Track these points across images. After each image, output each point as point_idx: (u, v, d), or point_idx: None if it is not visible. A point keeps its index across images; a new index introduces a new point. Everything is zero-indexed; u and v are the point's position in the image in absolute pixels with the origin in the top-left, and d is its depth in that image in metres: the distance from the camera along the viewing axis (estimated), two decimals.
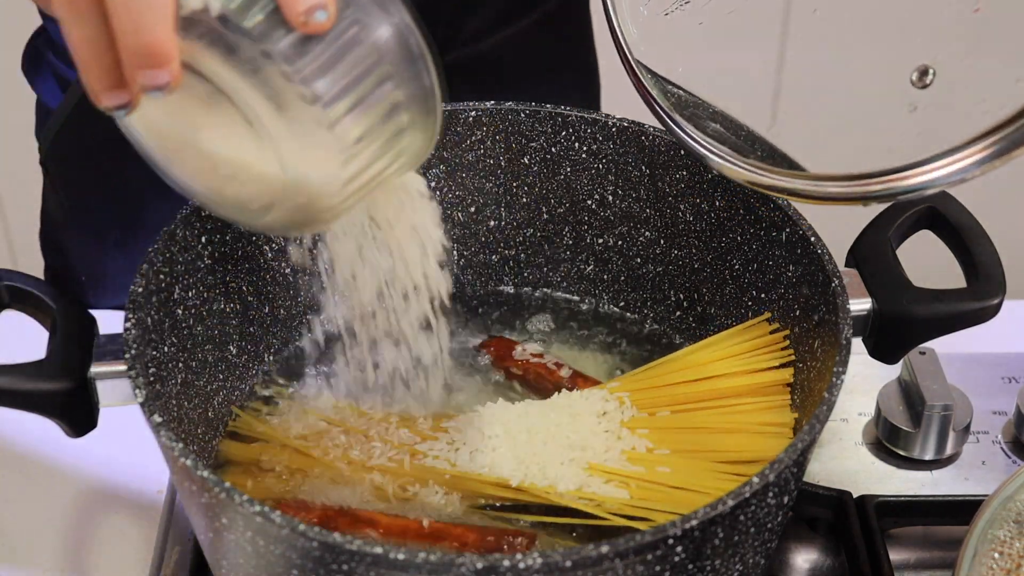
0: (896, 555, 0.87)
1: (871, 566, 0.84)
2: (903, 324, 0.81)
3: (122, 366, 0.75)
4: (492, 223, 0.97)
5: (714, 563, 0.70)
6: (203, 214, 0.84)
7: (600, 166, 0.94)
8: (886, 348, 0.82)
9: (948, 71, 0.69)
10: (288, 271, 0.92)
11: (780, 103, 0.79)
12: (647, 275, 0.96)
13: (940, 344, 0.86)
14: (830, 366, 0.76)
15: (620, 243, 0.96)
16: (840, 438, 0.95)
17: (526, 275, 0.99)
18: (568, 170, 0.95)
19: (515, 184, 0.96)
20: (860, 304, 0.81)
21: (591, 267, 0.98)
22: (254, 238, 0.89)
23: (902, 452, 0.93)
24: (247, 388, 0.91)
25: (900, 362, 0.91)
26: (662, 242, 0.94)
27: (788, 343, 0.86)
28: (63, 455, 0.95)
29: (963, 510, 0.84)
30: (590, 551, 0.64)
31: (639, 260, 0.96)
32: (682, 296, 0.95)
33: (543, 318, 0.98)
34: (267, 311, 0.91)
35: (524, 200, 0.96)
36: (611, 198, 0.95)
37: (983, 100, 0.66)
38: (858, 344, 0.81)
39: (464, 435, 0.84)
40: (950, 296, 0.81)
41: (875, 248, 0.83)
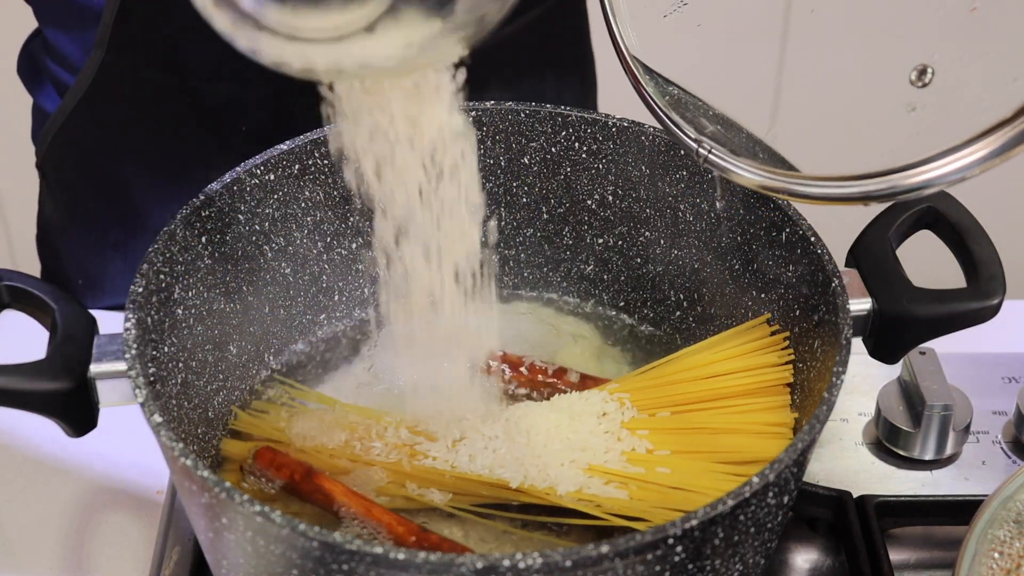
0: (896, 555, 0.87)
1: (871, 566, 0.84)
2: (903, 324, 0.81)
3: (122, 366, 0.75)
4: (492, 223, 0.97)
5: (714, 563, 0.70)
6: (203, 214, 0.84)
7: (600, 166, 0.94)
8: (886, 348, 0.82)
9: (947, 70, 0.69)
10: (288, 271, 0.92)
11: (779, 103, 0.79)
12: (647, 275, 0.96)
13: (940, 344, 0.86)
14: (830, 366, 0.76)
15: (620, 243, 0.96)
16: (840, 438, 0.95)
17: (526, 275, 0.99)
18: (568, 170, 0.95)
19: (515, 184, 0.96)
20: (860, 304, 0.81)
21: (591, 267, 0.98)
22: (254, 238, 0.89)
23: (902, 452, 0.93)
24: (247, 388, 0.91)
25: (900, 362, 0.91)
26: (662, 242, 0.94)
27: (788, 343, 0.86)
28: (63, 455, 0.95)
29: (963, 510, 0.84)
30: (590, 551, 0.64)
31: (639, 260, 0.96)
32: (682, 296, 0.95)
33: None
34: (267, 311, 0.91)
35: (524, 200, 0.96)
36: (611, 198, 0.95)
37: (982, 99, 0.66)
38: (858, 344, 0.81)
39: (464, 436, 0.84)
40: (950, 296, 0.81)
41: (875, 248, 0.83)
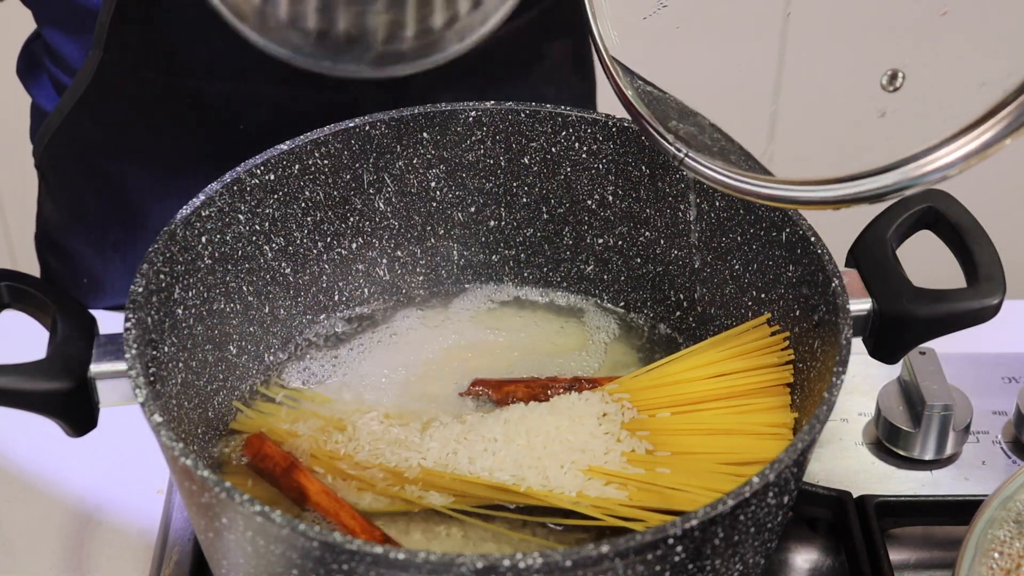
0: (896, 555, 0.87)
1: (871, 566, 0.84)
2: (903, 324, 0.81)
3: (122, 366, 0.75)
4: (492, 223, 0.97)
5: (714, 563, 0.70)
6: (203, 214, 0.84)
7: (600, 166, 0.94)
8: (886, 348, 0.82)
9: (917, 74, 0.69)
10: (288, 271, 0.92)
11: (759, 105, 0.79)
12: (647, 275, 0.96)
13: (940, 344, 0.86)
14: (830, 366, 0.76)
15: (620, 243, 0.96)
16: (840, 438, 0.95)
17: (526, 275, 0.99)
18: (568, 170, 0.95)
19: (515, 184, 0.96)
20: (860, 304, 0.81)
21: (591, 267, 0.98)
22: (254, 238, 0.89)
23: (902, 452, 0.93)
24: (247, 388, 0.91)
25: (900, 362, 0.91)
26: (662, 242, 0.94)
27: (788, 343, 0.86)
28: (63, 455, 0.94)
29: (963, 510, 0.84)
30: (590, 551, 0.64)
31: (639, 260, 0.96)
32: (682, 296, 0.95)
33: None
34: (267, 311, 0.91)
35: (524, 200, 0.96)
36: (611, 198, 0.95)
37: (949, 104, 0.66)
38: (858, 344, 0.81)
39: (463, 438, 0.84)
40: (950, 296, 0.81)
41: (875, 248, 0.83)
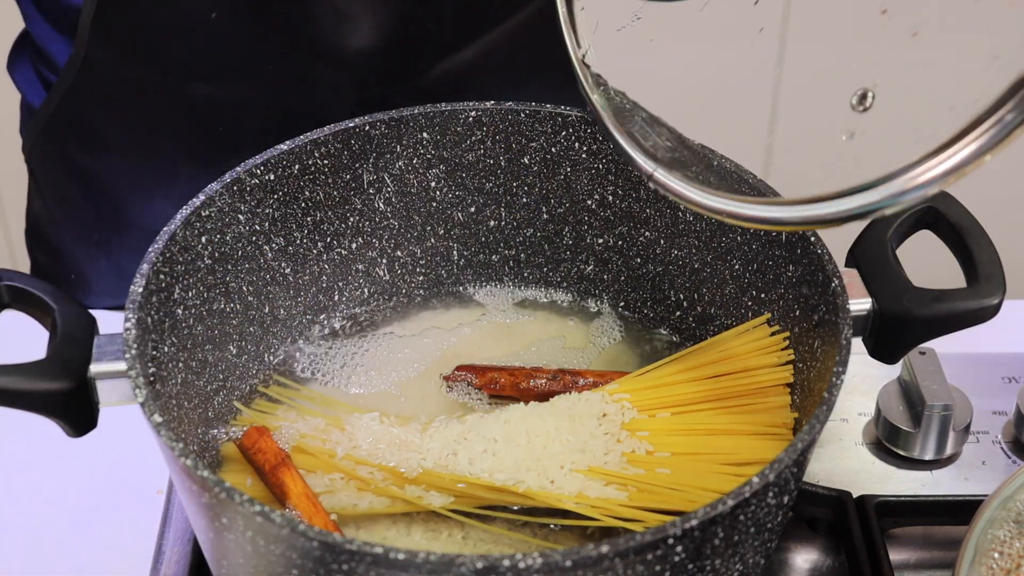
0: (896, 555, 0.87)
1: (871, 566, 0.84)
2: (903, 324, 0.81)
3: (122, 366, 0.75)
4: (492, 223, 0.97)
5: (714, 563, 0.70)
6: (203, 214, 0.84)
7: (600, 166, 0.94)
8: (886, 348, 0.82)
9: (888, 94, 0.69)
10: (288, 271, 0.92)
11: (732, 119, 0.79)
12: (647, 275, 0.96)
13: (940, 344, 0.86)
14: (830, 366, 0.76)
15: (620, 243, 0.96)
16: (840, 438, 0.95)
17: (526, 275, 0.99)
18: (568, 170, 0.95)
19: (515, 184, 0.96)
20: (860, 304, 0.81)
21: (591, 267, 0.98)
22: (254, 238, 0.89)
23: (902, 452, 0.93)
24: (247, 388, 0.91)
25: (900, 362, 0.91)
26: (662, 242, 0.94)
27: (788, 343, 0.86)
28: (63, 455, 0.95)
29: (963, 510, 0.84)
30: (590, 551, 0.64)
31: (639, 260, 0.96)
32: (682, 296, 0.95)
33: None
34: (267, 311, 0.91)
35: (524, 200, 0.96)
36: (611, 198, 0.95)
37: (918, 127, 0.66)
38: (858, 344, 0.81)
39: (463, 439, 0.84)
40: (950, 296, 0.80)
41: (875, 248, 0.83)
